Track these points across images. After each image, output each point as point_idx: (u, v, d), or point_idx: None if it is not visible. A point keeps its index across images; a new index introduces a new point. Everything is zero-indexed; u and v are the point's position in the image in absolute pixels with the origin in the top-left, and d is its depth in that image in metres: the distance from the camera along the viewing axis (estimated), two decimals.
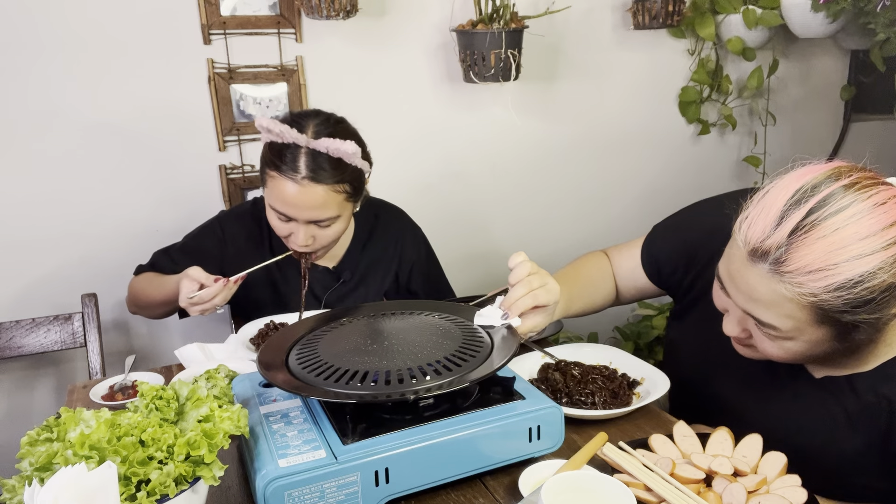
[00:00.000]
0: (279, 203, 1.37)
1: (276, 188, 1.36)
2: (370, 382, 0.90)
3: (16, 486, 0.77)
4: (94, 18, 1.77)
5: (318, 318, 1.13)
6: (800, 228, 0.85)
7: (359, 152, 1.36)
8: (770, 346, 0.95)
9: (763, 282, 0.88)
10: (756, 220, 0.89)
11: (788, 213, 0.86)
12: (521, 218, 2.38)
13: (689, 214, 1.27)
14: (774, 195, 0.89)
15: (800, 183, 0.88)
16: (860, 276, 0.83)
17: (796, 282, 0.85)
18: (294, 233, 1.41)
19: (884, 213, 0.84)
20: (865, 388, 0.98)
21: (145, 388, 0.86)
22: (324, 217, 1.38)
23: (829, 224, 0.84)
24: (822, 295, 0.84)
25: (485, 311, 1.08)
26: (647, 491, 0.88)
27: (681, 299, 1.27)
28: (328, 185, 1.35)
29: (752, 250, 0.88)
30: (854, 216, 0.83)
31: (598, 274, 1.33)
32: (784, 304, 0.88)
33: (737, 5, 2.29)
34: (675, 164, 2.53)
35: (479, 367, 0.94)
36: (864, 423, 0.98)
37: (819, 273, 0.84)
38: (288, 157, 1.34)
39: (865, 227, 0.83)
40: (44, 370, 1.93)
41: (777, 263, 0.86)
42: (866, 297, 0.84)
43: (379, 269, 1.63)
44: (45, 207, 1.83)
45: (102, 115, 1.83)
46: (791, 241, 0.85)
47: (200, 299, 1.31)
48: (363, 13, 1.93)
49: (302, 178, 1.33)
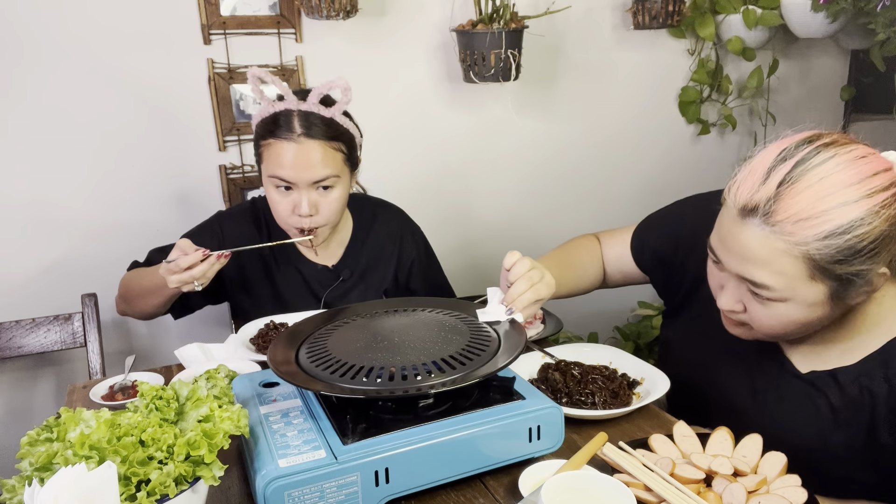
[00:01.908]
0: (279, 168, 1.38)
1: (274, 153, 1.38)
2: (386, 379, 0.90)
3: (16, 486, 0.77)
4: (94, 18, 1.77)
5: (326, 315, 1.13)
6: (786, 180, 0.88)
7: (344, 107, 1.41)
8: (765, 316, 0.96)
9: (755, 237, 0.91)
10: (744, 180, 0.93)
11: (775, 168, 0.90)
12: (521, 218, 2.38)
13: (683, 207, 1.29)
14: (760, 158, 0.93)
15: (783, 146, 0.92)
16: (849, 224, 0.86)
17: (787, 231, 0.88)
18: (297, 204, 1.41)
19: (865, 164, 0.88)
20: (849, 381, 0.99)
21: (145, 388, 0.86)
22: (324, 175, 1.39)
23: (814, 174, 0.87)
24: (813, 243, 0.87)
25: (487, 309, 1.09)
26: (647, 491, 0.88)
27: (670, 296, 1.29)
28: (323, 140, 1.39)
29: (742, 207, 0.92)
30: (838, 166, 0.88)
31: (587, 258, 1.36)
32: (777, 259, 0.90)
33: (737, 5, 2.29)
34: (675, 164, 2.53)
35: (490, 362, 0.94)
36: (848, 417, 0.99)
37: (808, 221, 0.87)
38: (282, 121, 1.38)
39: (849, 176, 0.87)
40: (44, 370, 1.94)
41: (767, 216, 0.89)
42: (856, 246, 0.86)
43: (378, 267, 1.63)
44: (45, 207, 1.83)
45: (102, 114, 1.83)
46: (779, 192, 0.88)
47: (177, 266, 1.27)
48: (363, 13, 1.93)
49: (298, 135, 1.37)
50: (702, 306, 1.06)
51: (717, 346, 1.07)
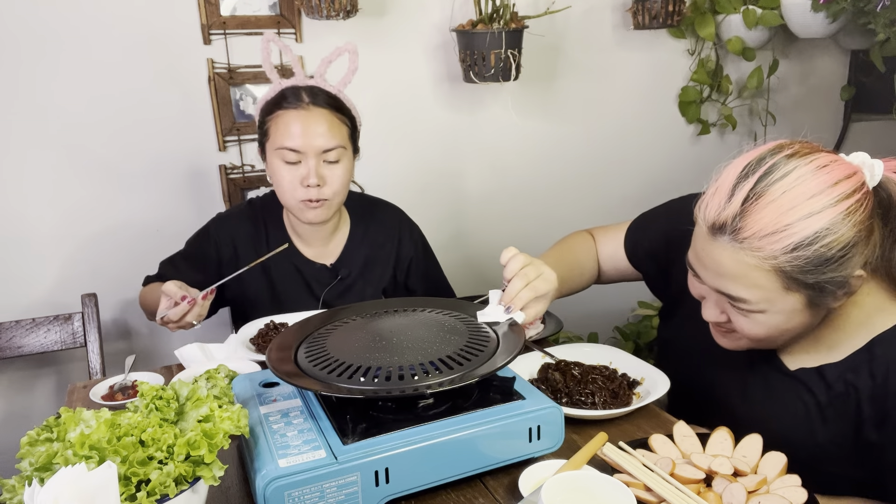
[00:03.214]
0: (288, 137, 1.42)
1: (283, 124, 1.43)
2: (384, 379, 0.90)
3: (16, 486, 0.77)
4: (94, 18, 1.77)
5: (325, 316, 1.13)
6: (750, 197, 0.90)
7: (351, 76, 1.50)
8: (748, 325, 0.97)
9: (726, 254, 0.92)
10: (711, 198, 0.95)
11: (739, 185, 0.92)
12: (521, 217, 2.38)
13: (676, 206, 1.29)
14: (725, 175, 0.95)
15: (747, 160, 0.94)
16: (815, 234, 0.87)
17: (755, 246, 0.89)
18: (304, 176, 1.43)
19: (827, 174, 0.89)
20: (835, 378, 1.00)
21: (145, 388, 0.86)
22: (332, 145, 1.43)
23: (776, 188, 0.89)
24: (782, 257, 0.88)
25: (487, 310, 1.09)
26: (647, 491, 0.88)
27: (663, 294, 1.30)
28: (329, 110, 1.45)
29: (711, 225, 0.94)
30: (799, 178, 0.89)
31: (584, 255, 1.37)
32: (749, 273, 0.91)
33: (737, 5, 2.29)
34: (675, 164, 2.53)
35: (489, 362, 0.94)
36: (835, 413, 1.00)
37: (774, 235, 0.88)
38: (289, 94, 1.45)
39: (812, 187, 0.88)
40: (44, 370, 1.94)
41: (735, 232, 0.91)
42: (825, 255, 0.88)
43: (377, 265, 1.63)
44: (45, 207, 1.83)
45: (102, 114, 1.83)
46: (744, 208, 0.90)
47: (168, 318, 1.31)
48: (363, 13, 1.93)
49: (307, 104, 1.43)
50: (695, 305, 1.06)
51: (711, 345, 1.08)
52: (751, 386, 1.10)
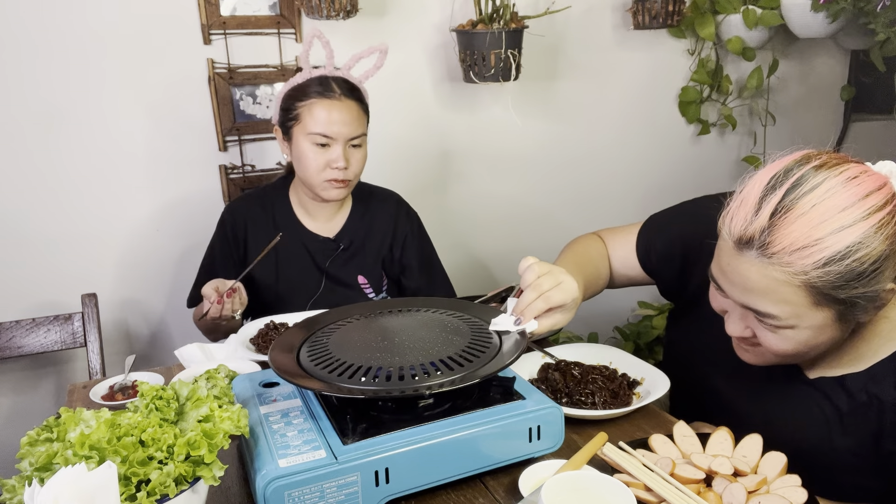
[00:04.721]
0: (322, 125, 1.52)
1: (317, 112, 1.53)
2: (384, 379, 0.90)
3: (16, 486, 0.77)
4: (94, 18, 1.77)
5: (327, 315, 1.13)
6: (779, 210, 0.87)
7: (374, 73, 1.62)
8: (775, 341, 0.94)
9: (754, 269, 0.89)
10: (737, 211, 0.91)
11: (766, 198, 0.88)
12: (521, 218, 2.38)
13: (691, 208, 1.26)
14: (751, 187, 0.91)
15: (772, 172, 0.90)
16: (846, 248, 0.84)
17: (785, 262, 0.86)
18: (333, 159, 1.54)
19: (857, 186, 0.86)
20: (857, 388, 0.98)
21: (145, 388, 0.86)
22: (359, 132, 1.57)
23: (806, 201, 0.86)
24: (813, 272, 0.85)
25: (498, 319, 1.06)
26: (647, 491, 0.88)
27: (677, 297, 1.27)
28: (356, 102, 1.57)
29: (738, 240, 0.90)
30: (829, 191, 0.85)
31: (598, 260, 1.32)
32: (778, 289, 0.88)
33: (737, 5, 2.29)
34: (675, 164, 2.53)
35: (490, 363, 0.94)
36: (855, 423, 0.98)
37: (805, 250, 0.85)
38: (321, 84, 1.55)
39: (843, 200, 0.85)
40: (44, 370, 1.93)
41: (763, 247, 0.87)
42: (857, 270, 0.85)
43: (375, 238, 1.72)
44: (45, 207, 1.83)
45: (102, 114, 1.83)
46: (773, 222, 0.87)
47: (212, 316, 1.45)
48: (363, 13, 1.93)
49: (339, 94, 1.55)
50: (708, 311, 1.05)
51: (724, 351, 1.06)
52: (767, 392, 1.07)
